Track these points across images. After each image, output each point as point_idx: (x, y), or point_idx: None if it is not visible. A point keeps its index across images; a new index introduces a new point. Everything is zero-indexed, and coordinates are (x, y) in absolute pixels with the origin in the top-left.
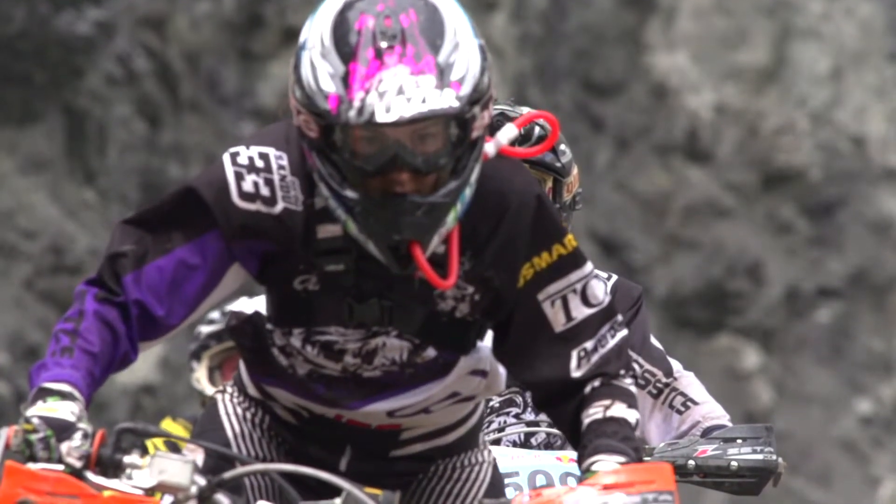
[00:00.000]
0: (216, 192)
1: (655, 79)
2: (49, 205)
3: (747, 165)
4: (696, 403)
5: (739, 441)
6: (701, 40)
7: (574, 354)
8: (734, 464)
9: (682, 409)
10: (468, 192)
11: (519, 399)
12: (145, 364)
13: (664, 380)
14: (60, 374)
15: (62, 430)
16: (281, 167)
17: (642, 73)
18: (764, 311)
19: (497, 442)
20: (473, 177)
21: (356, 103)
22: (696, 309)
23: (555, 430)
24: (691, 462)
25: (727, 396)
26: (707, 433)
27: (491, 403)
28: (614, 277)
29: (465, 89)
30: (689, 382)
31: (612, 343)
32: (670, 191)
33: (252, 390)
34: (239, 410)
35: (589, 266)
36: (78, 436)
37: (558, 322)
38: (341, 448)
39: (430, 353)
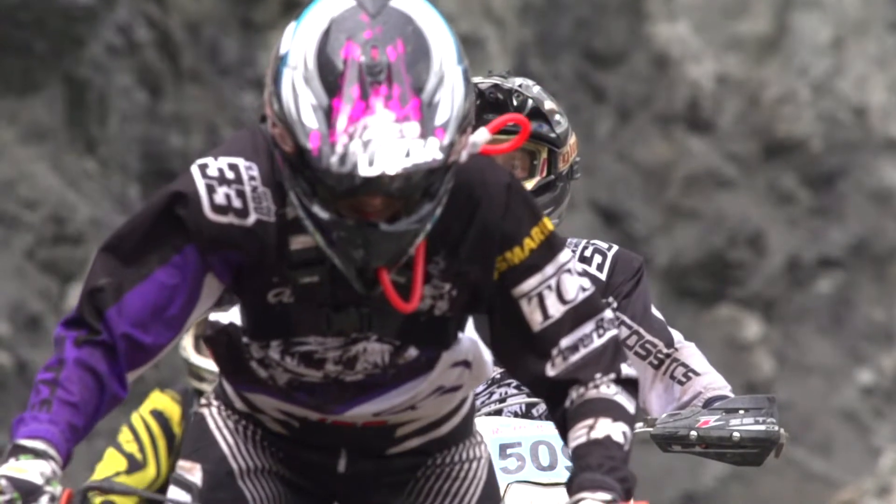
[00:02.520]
0: (188, 207)
1: (656, 48)
2: (50, 174)
3: (748, 135)
4: (697, 374)
5: (741, 412)
6: (702, 10)
7: (552, 353)
8: (736, 434)
9: (684, 379)
10: (439, 210)
11: None
12: None
13: (665, 350)
14: (37, 430)
15: (28, 493)
16: (252, 178)
17: (643, 43)
18: (765, 282)
19: (499, 412)
20: (445, 197)
21: (339, 148)
22: (696, 279)
23: None
24: (693, 433)
25: (728, 367)
26: (709, 404)
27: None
28: (615, 247)
29: (448, 136)
30: (690, 353)
31: (597, 343)
32: (671, 161)
33: (239, 404)
34: (230, 423)
35: (563, 255)
36: (44, 499)
37: (535, 321)
38: (336, 451)
39: (412, 352)
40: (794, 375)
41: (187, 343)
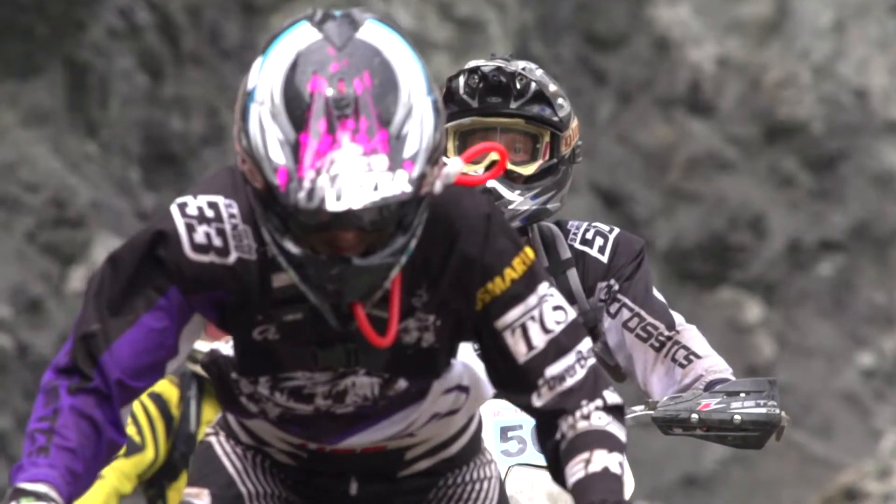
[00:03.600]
0: (169, 247)
1: (658, 31)
2: (51, 157)
3: (749, 118)
4: (698, 357)
5: (742, 395)
6: None
7: (538, 383)
8: (737, 417)
9: (685, 362)
10: (414, 243)
11: None
12: None
13: (667, 333)
14: (36, 475)
15: None
16: (232, 216)
17: (644, 26)
18: (766, 264)
19: (499, 395)
20: (420, 230)
21: (306, 184)
22: (697, 262)
23: None
24: (694, 416)
25: (729, 349)
26: (710, 387)
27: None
28: (616, 230)
29: (418, 168)
30: (691, 336)
31: (580, 373)
32: (672, 144)
33: (244, 437)
34: (238, 450)
35: (544, 285)
36: None
37: (520, 352)
38: (346, 475)
39: (402, 384)
40: (795, 358)
41: None
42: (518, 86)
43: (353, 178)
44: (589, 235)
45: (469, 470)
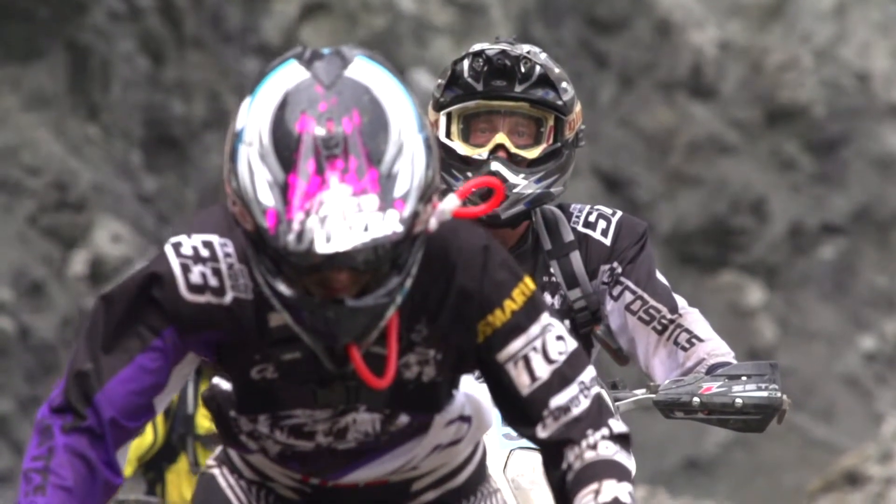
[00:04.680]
0: (164, 288)
1: (659, 15)
2: (52, 141)
3: (751, 102)
4: (700, 340)
5: (744, 378)
6: None
7: (542, 414)
8: (739, 401)
9: (687, 345)
10: (409, 282)
11: None
12: None
13: (669, 316)
14: None
15: None
16: (227, 255)
17: (646, 10)
18: (767, 248)
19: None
20: (415, 268)
21: (295, 226)
22: (699, 245)
23: None
24: (696, 399)
25: (731, 333)
26: (712, 370)
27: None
28: (619, 213)
29: (409, 207)
30: (694, 319)
31: (584, 403)
32: (674, 127)
33: (248, 472)
34: (242, 483)
35: (546, 315)
36: None
37: (523, 384)
38: None
39: (403, 419)
40: (797, 342)
41: None
42: (523, 69)
43: (342, 220)
44: (592, 218)
45: (476, 500)
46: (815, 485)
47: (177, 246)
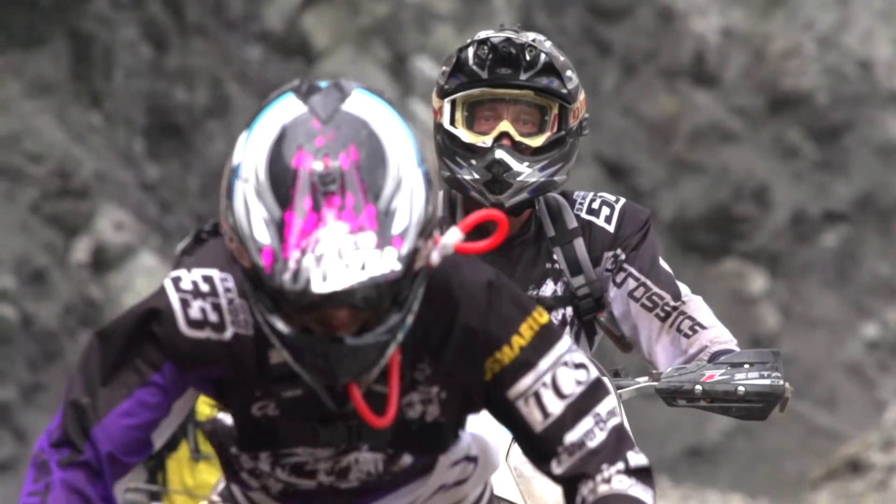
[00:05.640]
0: (163, 323)
1: (662, 2)
2: (55, 128)
3: (754, 89)
4: (703, 328)
5: (746, 366)
6: None
7: (557, 450)
8: (741, 389)
9: (690, 333)
10: (410, 319)
11: None
12: (151, 288)
13: (672, 303)
14: None
15: None
16: (227, 290)
17: None
18: (770, 236)
19: None
20: (416, 305)
21: (291, 265)
22: (702, 233)
23: None
24: (698, 387)
25: (733, 320)
26: (714, 358)
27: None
28: (622, 200)
29: (408, 244)
30: (697, 307)
31: (600, 437)
32: (676, 114)
33: None
34: None
35: (560, 346)
36: None
37: (536, 421)
38: None
39: (407, 459)
40: (799, 329)
41: None
42: (528, 57)
43: (338, 258)
44: (595, 205)
45: None
46: (818, 472)
47: (176, 280)
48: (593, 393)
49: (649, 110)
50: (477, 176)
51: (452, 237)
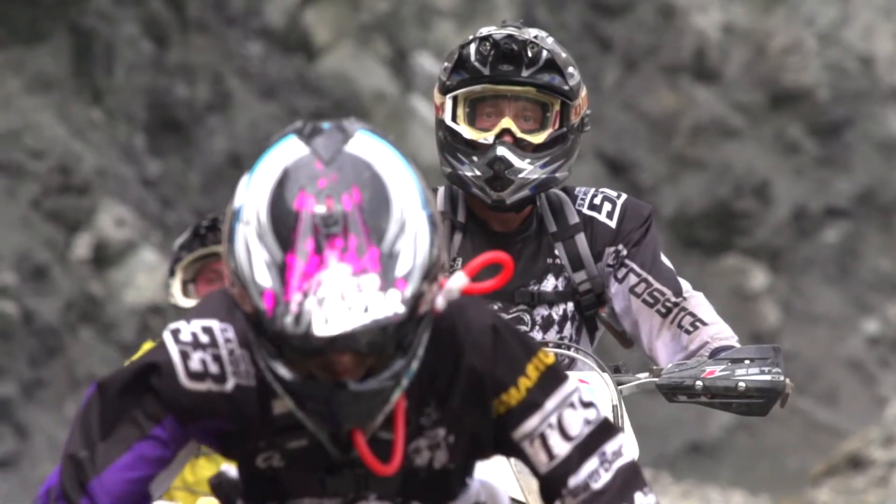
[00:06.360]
0: (163, 376)
1: None
2: (56, 124)
3: (755, 85)
4: (704, 324)
5: (747, 362)
6: None
7: (561, 492)
8: (742, 384)
9: (691, 329)
10: (415, 364)
11: (527, 317)
12: (153, 284)
13: (673, 299)
14: None
15: None
16: (228, 340)
17: None
18: (771, 231)
19: None
20: (421, 350)
21: (293, 307)
22: (703, 229)
23: (562, 350)
24: (699, 383)
25: (734, 316)
26: (715, 354)
27: None
28: (624, 196)
29: (412, 287)
30: (698, 303)
31: (605, 478)
32: (677, 111)
33: None
34: None
35: (567, 387)
36: None
37: (541, 462)
38: None
39: None
40: (800, 325)
41: (175, 289)
42: (530, 54)
43: (341, 301)
44: (597, 201)
45: None
46: (819, 468)
47: (175, 332)
48: (600, 433)
49: (650, 106)
50: (478, 172)
51: (458, 282)
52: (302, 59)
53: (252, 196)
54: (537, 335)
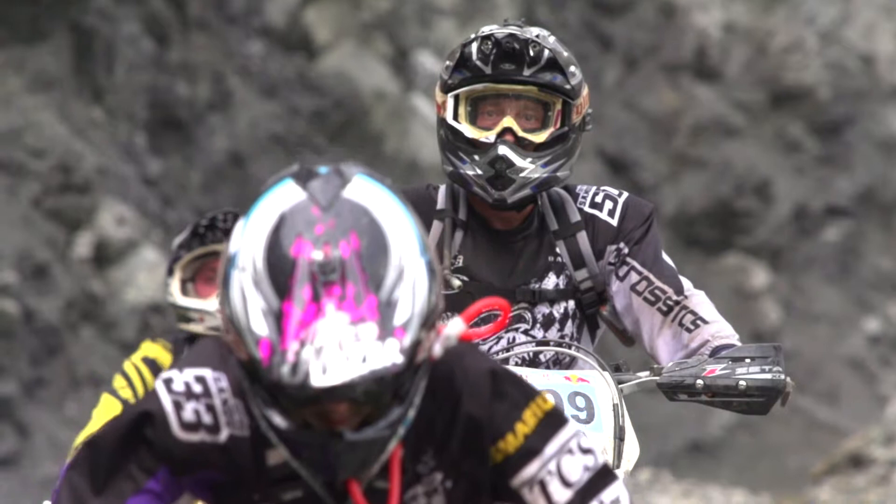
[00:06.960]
0: (156, 427)
1: None
2: (56, 123)
3: (756, 84)
4: (705, 322)
5: (748, 360)
6: None
7: None
8: (742, 383)
9: (692, 327)
10: (412, 413)
11: (528, 315)
12: (153, 283)
13: (675, 297)
14: None
15: None
16: (221, 390)
17: None
18: (772, 230)
19: (506, 361)
20: (418, 398)
21: (290, 357)
22: (703, 228)
23: (563, 349)
24: (700, 382)
25: (735, 315)
26: (716, 352)
27: None
28: (625, 194)
29: (410, 336)
30: (699, 301)
31: None
32: (678, 109)
33: None
34: None
35: (566, 432)
36: None
37: None
38: None
39: None
40: (801, 324)
41: (174, 288)
42: (531, 53)
43: (338, 350)
44: (598, 199)
45: None
46: (820, 467)
47: (168, 382)
48: (599, 479)
49: (651, 105)
50: (480, 171)
51: (455, 328)
52: (303, 58)
53: (248, 242)
54: (538, 333)
